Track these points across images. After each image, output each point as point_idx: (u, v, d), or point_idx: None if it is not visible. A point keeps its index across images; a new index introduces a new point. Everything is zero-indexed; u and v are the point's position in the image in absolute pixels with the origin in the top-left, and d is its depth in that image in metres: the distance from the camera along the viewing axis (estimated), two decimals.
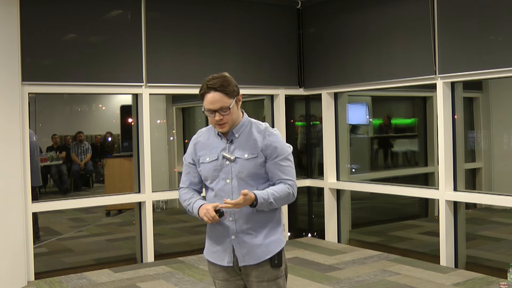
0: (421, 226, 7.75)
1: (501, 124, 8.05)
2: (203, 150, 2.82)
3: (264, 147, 2.73)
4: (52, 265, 6.21)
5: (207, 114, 2.72)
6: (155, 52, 6.17)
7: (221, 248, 2.77)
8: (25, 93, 5.48)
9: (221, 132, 2.76)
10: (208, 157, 2.78)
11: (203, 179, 2.84)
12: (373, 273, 5.54)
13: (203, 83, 2.73)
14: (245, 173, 2.72)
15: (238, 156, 2.72)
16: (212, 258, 2.82)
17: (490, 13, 5.21)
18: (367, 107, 8.61)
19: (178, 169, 10.27)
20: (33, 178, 6.93)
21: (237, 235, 2.73)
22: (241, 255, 2.73)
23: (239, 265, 2.75)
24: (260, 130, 2.78)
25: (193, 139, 2.90)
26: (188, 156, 2.90)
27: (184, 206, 2.83)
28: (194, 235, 7.91)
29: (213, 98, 2.67)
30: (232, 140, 2.76)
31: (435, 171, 7.58)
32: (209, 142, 2.81)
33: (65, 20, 5.76)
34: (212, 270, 2.86)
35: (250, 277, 2.77)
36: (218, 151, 2.76)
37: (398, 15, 6.07)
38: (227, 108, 2.67)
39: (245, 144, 2.74)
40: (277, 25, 7.05)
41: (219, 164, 2.75)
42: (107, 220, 9.15)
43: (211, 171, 2.77)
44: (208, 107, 2.68)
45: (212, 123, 2.76)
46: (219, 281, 2.83)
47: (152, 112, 6.35)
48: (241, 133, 2.77)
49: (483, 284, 5.07)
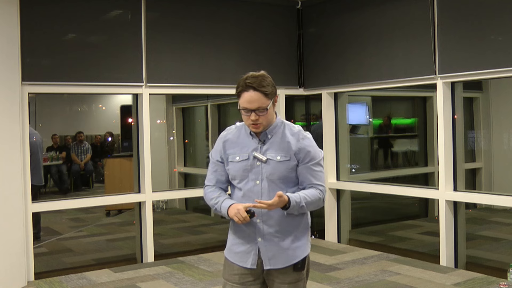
0: (421, 226, 7.75)
1: (501, 124, 8.05)
2: (233, 148, 2.74)
3: (298, 150, 2.68)
4: (52, 265, 6.21)
5: (242, 113, 2.65)
6: (155, 52, 6.17)
7: (246, 250, 2.71)
8: (25, 93, 5.48)
9: (254, 132, 2.70)
10: (238, 156, 2.71)
11: (231, 178, 2.77)
12: (373, 273, 5.54)
13: (240, 80, 2.63)
14: (276, 175, 2.66)
15: (270, 158, 2.67)
16: (234, 259, 2.75)
17: (490, 13, 5.21)
18: (367, 107, 8.61)
19: (178, 169, 10.28)
20: (36, 177, 6.99)
21: (264, 237, 2.68)
22: (266, 258, 2.68)
23: (263, 268, 2.70)
24: (294, 132, 2.73)
25: (221, 136, 2.81)
26: (215, 153, 2.81)
27: (211, 204, 2.76)
28: (194, 235, 7.92)
29: (251, 97, 2.59)
30: (265, 140, 2.70)
31: (435, 171, 7.58)
32: (239, 140, 2.74)
33: (65, 20, 5.76)
34: (229, 271, 2.77)
35: (274, 278, 2.73)
36: (249, 151, 2.70)
37: (398, 15, 6.07)
38: (264, 109, 2.61)
39: (278, 146, 2.68)
40: (277, 25, 7.05)
41: (249, 164, 2.69)
42: (107, 220, 9.15)
43: (240, 171, 2.70)
44: (245, 106, 2.61)
45: (246, 122, 2.68)
46: (234, 284, 2.74)
47: (152, 112, 6.34)
48: (274, 134, 2.71)
49: (483, 284, 5.07)
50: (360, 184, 6.96)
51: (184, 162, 10.37)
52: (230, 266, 2.77)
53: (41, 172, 7.17)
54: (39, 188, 7.26)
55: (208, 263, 6.08)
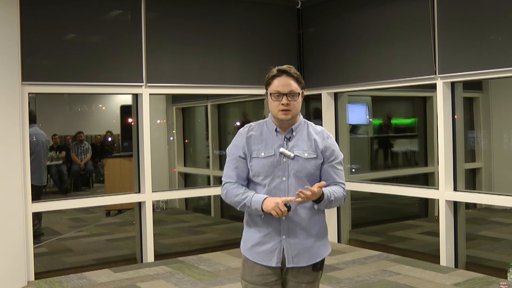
0: (421, 226, 7.75)
1: (501, 124, 8.05)
2: (258, 144, 2.71)
3: (324, 148, 2.71)
4: (52, 265, 6.21)
5: (272, 100, 2.66)
6: (155, 52, 6.17)
7: (270, 248, 2.68)
8: (25, 93, 5.48)
9: (284, 121, 2.67)
10: (264, 152, 2.68)
11: (253, 175, 2.70)
12: (373, 273, 5.54)
13: (271, 71, 2.71)
14: (304, 172, 2.66)
15: (297, 154, 2.67)
16: (257, 259, 2.70)
17: (490, 13, 5.22)
18: (367, 107, 8.61)
19: (177, 169, 10.28)
20: (38, 177, 7.01)
21: (289, 234, 2.66)
22: (290, 256, 2.67)
23: (286, 266, 2.69)
24: (318, 131, 2.76)
25: (242, 132, 2.76)
26: (237, 149, 2.74)
27: (236, 200, 2.67)
28: (194, 235, 7.92)
29: (285, 81, 2.64)
30: (290, 137, 2.71)
31: (435, 171, 7.58)
32: (263, 137, 2.72)
33: (65, 20, 5.76)
34: (250, 273, 2.73)
35: (289, 276, 2.72)
36: (275, 147, 2.68)
37: (398, 15, 6.07)
38: (296, 94, 2.65)
39: (305, 143, 2.70)
40: (277, 25, 7.05)
41: (275, 161, 2.66)
42: (107, 220, 9.15)
43: (266, 167, 2.67)
44: (278, 89, 2.63)
45: (275, 110, 2.66)
46: (256, 285, 2.70)
47: (152, 112, 6.35)
48: (298, 131, 2.72)
49: (483, 284, 5.07)
50: (360, 184, 6.96)
51: (184, 162, 10.37)
52: (251, 267, 2.73)
53: (43, 172, 7.17)
54: (41, 188, 7.26)
55: (208, 263, 6.08)
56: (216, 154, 9.59)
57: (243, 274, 2.78)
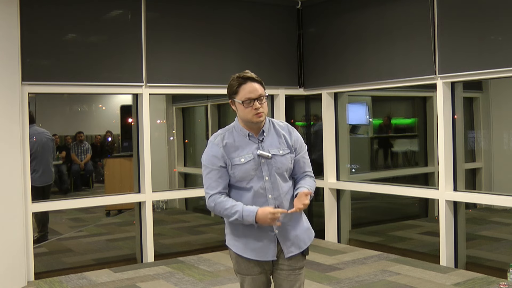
0: (421, 226, 7.75)
1: (501, 124, 8.05)
2: (234, 152, 2.80)
3: (293, 142, 2.88)
4: (52, 265, 6.21)
5: (243, 107, 2.75)
6: (155, 52, 6.17)
7: (264, 244, 2.80)
8: (25, 93, 5.48)
9: (258, 124, 2.79)
10: (243, 158, 2.78)
11: (236, 181, 2.79)
12: (373, 273, 5.54)
13: (233, 78, 2.79)
14: (283, 168, 2.80)
15: (274, 153, 2.80)
16: (253, 255, 2.80)
17: (490, 13, 5.21)
18: (367, 107, 8.61)
19: (177, 169, 10.28)
20: (40, 178, 7.02)
21: (280, 228, 2.79)
22: (286, 246, 2.81)
23: (285, 256, 2.81)
24: (282, 127, 2.91)
25: (217, 142, 2.84)
26: (216, 159, 2.81)
27: (226, 214, 2.75)
28: (194, 235, 7.92)
29: (253, 87, 2.75)
30: (263, 139, 2.82)
31: (435, 171, 7.58)
32: (237, 143, 2.82)
33: (65, 20, 5.76)
34: (246, 266, 2.84)
35: (282, 266, 2.84)
36: (252, 151, 2.78)
37: (398, 15, 6.07)
38: (264, 97, 2.78)
39: (276, 141, 2.84)
40: (277, 25, 7.05)
41: (255, 164, 2.78)
42: (107, 220, 9.15)
43: (249, 171, 2.77)
44: (248, 96, 2.74)
45: (248, 115, 2.76)
46: (254, 275, 2.83)
47: (152, 112, 6.35)
48: (267, 131, 2.85)
49: (483, 284, 5.07)
50: (360, 184, 6.96)
51: (184, 162, 10.37)
52: (246, 262, 2.84)
53: (45, 172, 7.19)
54: (44, 188, 7.26)
55: (208, 263, 6.08)
56: None
57: (237, 268, 2.89)
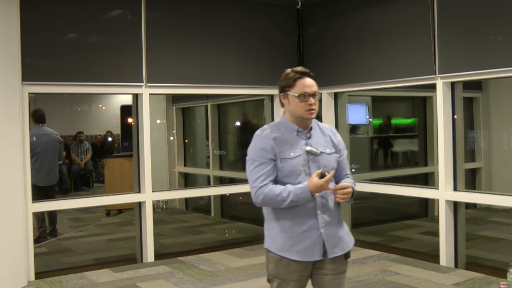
0: (421, 226, 7.75)
1: (501, 124, 8.05)
2: (283, 145, 2.76)
3: (337, 143, 2.90)
4: (52, 265, 6.21)
5: (298, 101, 2.74)
6: (155, 52, 6.17)
7: (311, 243, 2.75)
8: (25, 93, 5.48)
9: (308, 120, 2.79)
10: (292, 153, 2.75)
11: (284, 175, 2.74)
12: (373, 273, 5.54)
13: (288, 72, 2.79)
14: (329, 167, 2.80)
15: (322, 151, 2.81)
16: (298, 256, 2.74)
17: (490, 13, 5.21)
18: (367, 107, 8.61)
19: (178, 169, 10.28)
20: (42, 178, 7.06)
21: (325, 227, 2.77)
22: (331, 247, 2.77)
23: (328, 257, 2.78)
24: (326, 127, 2.94)
25: (265, 135, 2.78)
26: (265, 152, 2.74)
27: (277, 200, 2.69)
28: (194, 235, 7.92)
29: (310, 82, 2.76)
30: (310, 136, 2.82)
31: (435, 171, 7.58)
32: (286, 138, 2.78)
33: (65, 20, 5.76)
34: (285, 271, 2.76)
35: (325, 271, 2.80)
36: (301, 146, 2.77)
37: (398, 15, 6.07)
38: (318, 94, 2.79)
39: (323, 140, 2.85)
40: (277, 25, 7.05)
41: (304, 159, 2.76)
42: (107, 220, 9.15)
43: (298, 166, 2.74)
44: (305, 90, 2.73)
45: (301, 110, 2.75)
46: (291, 281, 2.76)
47: (152, 112, 6.35)
48: (313, 129, 2.86)
49: (483, 284, 5.07)
50: (360, 184, 6.94)
51: (184, 162, 10.38)
52: (286, 265, 2.76)
53: (49, 172, 7.27)
54: (47, 188, 7.30)
55: (208, 263, 6.08)
56: (216, 154, 9.59)
57: (275, 272, 2.80)
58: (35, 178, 7.12)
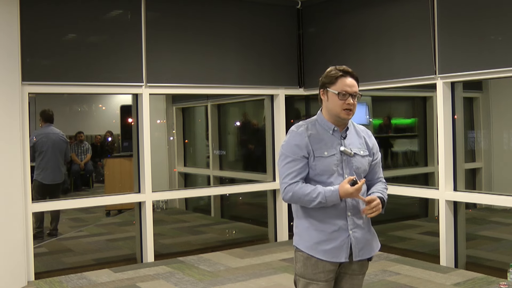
0: (421, 226, 7.75)
1: (501, 124, 8.04)
2: (318, 143, 2.73)
3: (372, 146, 2.89)
4: (52, 265, 6.21)
5: (338, 98, 2.71)
6: (155, 52, 6.17)
7: (338, 244, 2.72)
8: (25, 93, 5.48)
9: (345, 120, 2.76)
10: (326, 151, 2.72)
11: (317, 173, 2.71)
12: (373, 273, 5.54)
13: (331, 70, 2.79)
14: (362, 169, 2.79)
15: (355, 152, 2.78)
16: (325, 256, 2.72)
17: (490, 13, 5.21)
18: (367, 107, 8.61)
19: (178, 169, 10.28)
20: (47, 176, 7.10)
21: (353, 230, 2.76)
22: (357, 249, 2.76)
23: (354, 260, 2.77)
24: (362, 129, 2.92)
25: (301, 132, 2.76)
26: (299, 149, 2.72)
27: (306, 200, 2.67)
28: (194, 235, 7.92)
29: (352, 82, 2.75)
30: (345, 136, 2.80)
31: (435, 171, 7.58)
32: (320, 136, 2.76)
33: (65, 20, 5.76)
34: (313, 270, 2.74)
35: (347, 270, 2.80)
36: (335, 146, 2.75)
37: (398, 15, 6.07)
38: (358, 95, 2.76)
39: (357, 142, 2.83)
40: (277, 25, 7.05)
41: (337, 159, 2.73)
42: (107, 220, 9.15)
43: (331, 165, 2.71)
44: (346, 89, 2.72)
45: (338, 109, 2.72)
46: (319, 282, 2.74)
47: (152, 112, 6.35)
48: (349, 130, 2.83)
49: (483, 284, 5.07)
50: None
51: (184, 162, 10.37)
52: (314, 264, 2.74)
53: (54, 171, 7.31)
54: (56, 186, 7.34)
55: (208, 263, 6.08)
56: (216, 154, 9.59)
57: (303, 272, 2.77)
58: (41, 175, 7.21)
